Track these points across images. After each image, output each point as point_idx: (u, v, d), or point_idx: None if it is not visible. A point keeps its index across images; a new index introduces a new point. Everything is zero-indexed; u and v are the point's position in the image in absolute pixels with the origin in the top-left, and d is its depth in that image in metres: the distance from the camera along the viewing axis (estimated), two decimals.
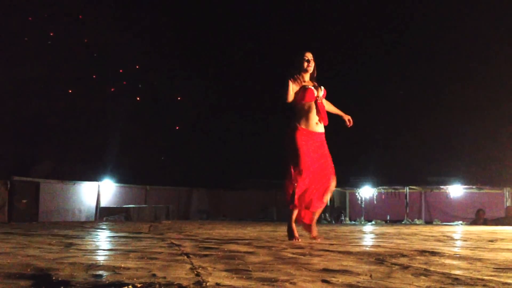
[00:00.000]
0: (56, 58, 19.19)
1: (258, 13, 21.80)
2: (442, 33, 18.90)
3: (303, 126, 4.87)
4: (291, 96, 4.81)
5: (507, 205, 14.37)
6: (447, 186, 15.50)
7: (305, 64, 4.89)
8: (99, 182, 14.80)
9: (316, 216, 5.12)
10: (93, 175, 15.32)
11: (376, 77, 19.79)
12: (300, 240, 4.73)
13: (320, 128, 4.94)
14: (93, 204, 14.44)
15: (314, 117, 4.89)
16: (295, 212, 4.87)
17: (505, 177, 15.17)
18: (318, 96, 4.91)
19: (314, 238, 4.98)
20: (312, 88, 4.89)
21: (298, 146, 4.80)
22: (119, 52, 20.01)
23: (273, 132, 20.00)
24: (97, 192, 14.58)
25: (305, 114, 4.89)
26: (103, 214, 13.86)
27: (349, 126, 5.30)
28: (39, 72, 18.21)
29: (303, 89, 4.85)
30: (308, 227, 5.13)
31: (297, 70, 4.88)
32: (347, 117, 5.32)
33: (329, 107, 5.19)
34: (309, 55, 4.93)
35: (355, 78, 20.40)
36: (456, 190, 15.48)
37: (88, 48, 20.41)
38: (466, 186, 15.39)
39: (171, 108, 21.57)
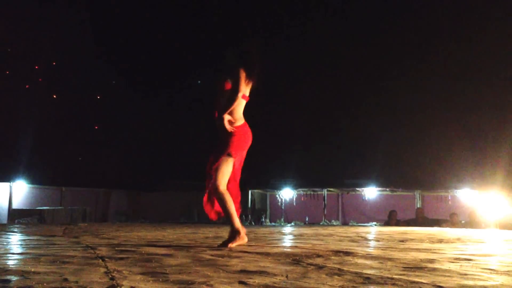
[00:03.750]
0: None
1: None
2: (348, 36, 19.35)
3: None
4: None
5: (418, 206, 15.09)
6: (362, 189, 16.03)
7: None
8: (11, 182, 14.15)
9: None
10: (4, 176, 14.61)
11: (293, 80, 19.92)
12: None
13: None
14: (5, 206, 13.81)
15: None
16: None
17: (416, 181, 15.94)
18: None
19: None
20: None
21: None
22: (35, 47, 19.18)
23: (194, 132, 19.88)
24: (9, 193, 13.96)
25: None
26: (15, 217, 13.25)
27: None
28: None
29: None
30: None
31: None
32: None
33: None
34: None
35: (273, 81, 20.48)
36: (371, 192, 16.05)
37: (1, 43, 19.44)
38: (380, 189, 16.00)
39: (90, 106, 20.92)
